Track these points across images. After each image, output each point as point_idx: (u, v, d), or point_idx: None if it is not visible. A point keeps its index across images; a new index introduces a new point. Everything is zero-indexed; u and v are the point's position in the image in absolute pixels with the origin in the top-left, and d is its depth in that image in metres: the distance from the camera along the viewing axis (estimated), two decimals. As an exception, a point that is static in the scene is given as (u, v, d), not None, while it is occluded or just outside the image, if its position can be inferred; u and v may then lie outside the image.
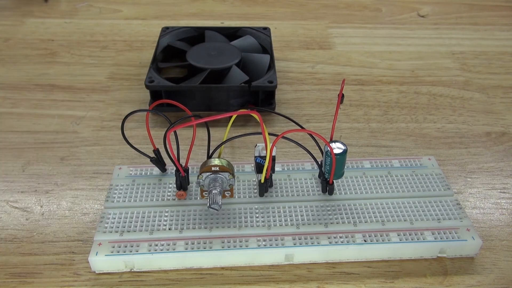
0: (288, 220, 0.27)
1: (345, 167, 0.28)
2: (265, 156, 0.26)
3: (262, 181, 0.27)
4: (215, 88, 0.36)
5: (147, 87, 0.36)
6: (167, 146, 0.26)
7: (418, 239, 0.26)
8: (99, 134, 0.35)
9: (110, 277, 0.25)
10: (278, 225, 0.26)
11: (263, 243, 0.25)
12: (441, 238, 0.26)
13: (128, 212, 0.27)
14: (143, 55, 0.45)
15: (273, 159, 0.27)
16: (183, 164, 0.27)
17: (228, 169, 0.26)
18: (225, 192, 0.27)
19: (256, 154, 0.27)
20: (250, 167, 0.30)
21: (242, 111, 0.25)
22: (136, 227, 0.26)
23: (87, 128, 0.36)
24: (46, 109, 0.38)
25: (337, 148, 0.26)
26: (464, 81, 0.42)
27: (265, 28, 0.44)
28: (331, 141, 0.27)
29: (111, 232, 0.26)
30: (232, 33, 0.44)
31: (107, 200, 0.28)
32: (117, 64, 0.44)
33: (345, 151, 0.26)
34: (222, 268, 0.26)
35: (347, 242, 0.26)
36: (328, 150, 0.26)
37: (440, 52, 0.47)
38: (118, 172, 0.30)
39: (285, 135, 0.25)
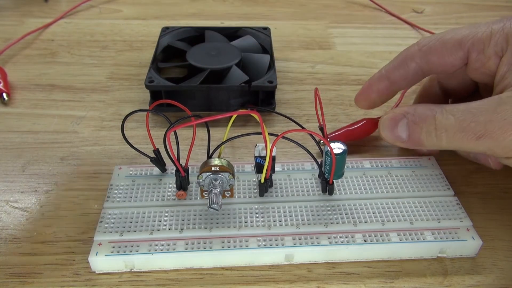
0: (288, 220, 0.27)
1: (345, 167, 0.28)
2: (265, 156, 0.26)
3: (262, 181, 0.27)
4: (215, 88, 0.36)
5: (147, 87, 0.36)
6: (167, 146, 0.26)
7: (418, 239, 0.26)
8: (99, 134, 0.35)
9: (110, 277, 0.25)
10: (278, 225, 0.26)
11: (263, 243, 0.25)
12: (441, 238, 0.26)
13: (128, 212, 0.27)
14: (143, 55, 0.45)
15: (273, 159, 0.27)
16: (183, 164, 0.27)
17: (228, 169, 0.26)
18: (225, 192, 0.27)
19: (256, 154, 0.27)
20: (250, 167, 0.30)
21: (242, 111, 0.25)
22: (136, 227, 0.26)
23: (87, 128, 0.36)
24: (46, 109, 0.38)
25: (337, 148, 0.26)
26: (464, 81, 0.42)
27: (265, 28, 0.44)
28: (331, 141, 0.27)
29: (111, 232, 0.26)
30: (232, 33, 0.44)
31: (107, 200, 0.28)
32: (117, 64, 0.44)
33: (345, 151, 0.26)
34: (222, 268, 0.26)
35: (347, 242, 0.26)
36: (328, 150, 0.26)
37: (440, 52, 0.47)
38: (118, 172, 0.30)
39: (285, 135, 0.25)
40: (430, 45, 0.29)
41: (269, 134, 0.25)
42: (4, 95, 0.38)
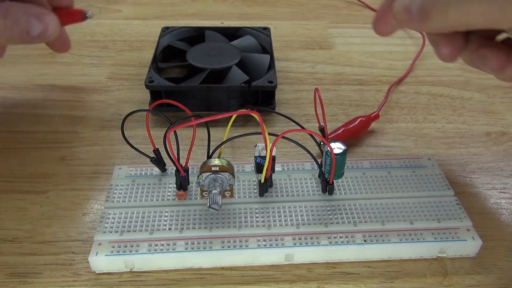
0: (288, 220, 0.27)
1: (345, 167, 0.28)
2: (265, 156, 0.26)
3: (262, 181, 0.27)
4: (215, 88, 0.36)
5: (147, 87, 0.36)
6: (167, 146, 0.26)
7: (418, 239, 0.26)
8: (99, 134, 0.35)
9: (110, 277, 0.25)
10: (278, 225, 0.26)
11: (263, 243, 0.25)
12: (441, 238, 0.26)
13: (128, 212, 0.27)
14: (143, 55, 0.45)
15: (273, 159, 0.27)
16: (183, 164, 0.27)
17: (228, 169, 0.26)
18: (225, 192, 0.27)
19: (256, 154, 0.27)
20: (250, 167, 0.30)
21: (242, 111, 0.25)
22: (136, 227, 0.26)
23: (87, 128, 0.36)
24: (46, 109, 0.38)
25: (337, 148, 0.26)
26: (464, 81, 0.42)
27: (265, 28, 0.44)
28: (331, 141, 0.27)
29: (111, 232, 0.26)
30: (232, 33, 0.44)
31: (107, 200, 0.28)
32: (117, 64, 0.44)
33: (345, 151, 0.26)
34: (222, 268, 0.26)
35: (347, 242, 0.26)
36: (328, 150, 0.26)
37: (440, 52, 0.47)
38: (118, 172, 0.30)
39: (285, 135, 0.25)
40: None
41: (269, 134, 0.25)
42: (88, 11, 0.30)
